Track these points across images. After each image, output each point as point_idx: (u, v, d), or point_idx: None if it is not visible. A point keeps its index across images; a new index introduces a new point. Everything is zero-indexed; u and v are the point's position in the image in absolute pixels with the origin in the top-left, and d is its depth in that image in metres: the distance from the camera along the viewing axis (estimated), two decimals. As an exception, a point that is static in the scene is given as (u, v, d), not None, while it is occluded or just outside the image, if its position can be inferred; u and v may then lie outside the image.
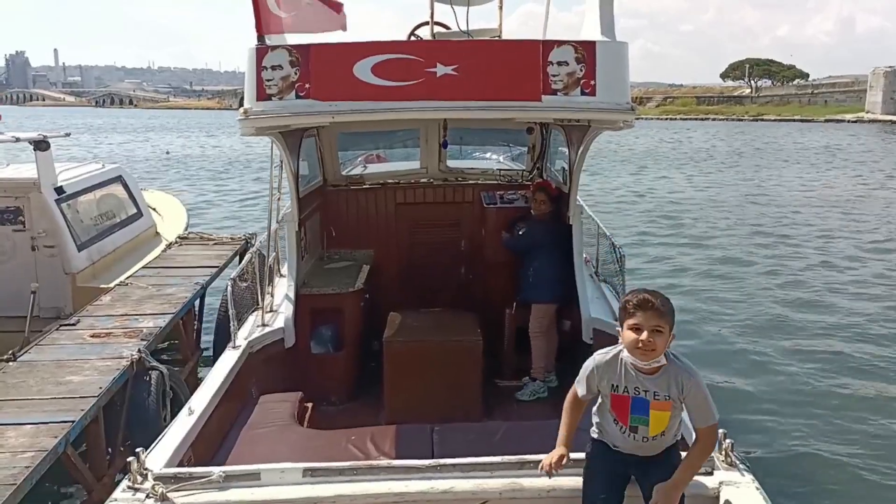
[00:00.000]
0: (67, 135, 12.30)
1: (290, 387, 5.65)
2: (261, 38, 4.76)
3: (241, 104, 4.94)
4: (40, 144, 9.39)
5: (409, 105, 4.69)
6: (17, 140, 9.76)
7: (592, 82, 4.63)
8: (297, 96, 4.69)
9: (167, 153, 46.46)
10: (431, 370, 6.04)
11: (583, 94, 4.66)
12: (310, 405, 5.57)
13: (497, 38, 6.40)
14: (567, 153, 6.79)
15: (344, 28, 6.04)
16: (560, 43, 4.66)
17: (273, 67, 4.67)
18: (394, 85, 4.59)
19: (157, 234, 12.07)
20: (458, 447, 4.20)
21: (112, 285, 9.29)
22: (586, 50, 4.64)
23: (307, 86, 4.66)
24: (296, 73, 4.65)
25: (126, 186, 11.68)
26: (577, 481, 3.58)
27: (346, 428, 4.93)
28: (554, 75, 4.61)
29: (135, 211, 11.62)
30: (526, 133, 8.11)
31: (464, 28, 6.31)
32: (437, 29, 6.43)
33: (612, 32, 4.88)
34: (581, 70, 4.62)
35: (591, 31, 4.97)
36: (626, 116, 4.84)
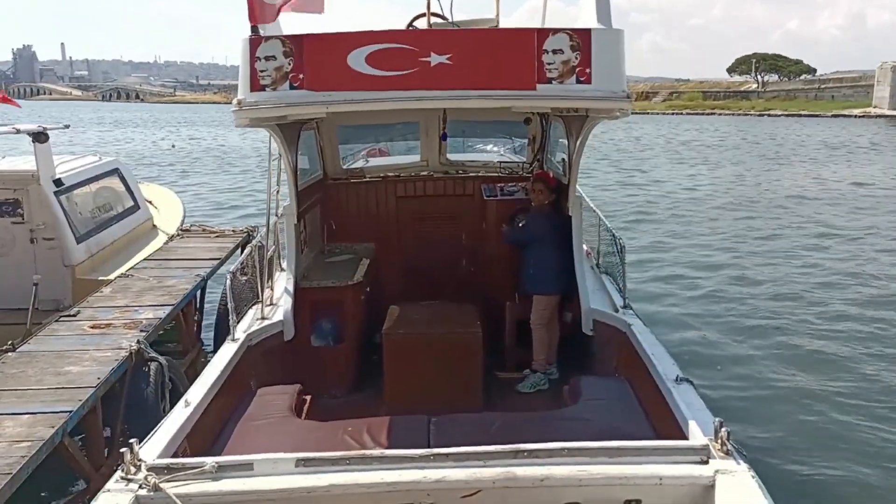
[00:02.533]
0: (67, 126, 12.29)
1: (290, 380, 5.63)
2: (254, 28, 4.74)
3: None
4: (39, 136, 9.37)
5: (404, 95, 4.67)
6: (18, 132, 9.76)
7: (588, 70, 4.60)
8: (292, 87, 4.67)
9: (173, 146, 46.52)
10: (431, 362, 6.03)
11: (578, 82, 4.62)
12: (308, 397, 5.54)
13: (494, 28, 6.36)
14: (567, 144, 6.76)
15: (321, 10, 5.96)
16: (555, 31, 4.62)
17: (267, 58, 4.66)
18: (388, 75, 4.56)
19: (154, 227, 12.06)
20: (455, 438, 4.16)
21: (111, 277, 9.29)
22: (581, 38, 4.60)
23: (301, 76, 4.64)
24: (290, 64, 4.63)
25: (123, 179, 11.66)
26: (570, 470, 3.57)
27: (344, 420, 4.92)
28: (549, 63, 4.57)
29: (132, 204, 11.60)
30: (524, 124, 8.08)
31: (458, 18, 6.27)
32: (435, 20, 6.39)
33: (609, 20, 4.84)
34: (576, 58, 4.58)
35: (587, 19, 4.93)
36: (622, 105, 4.80)
